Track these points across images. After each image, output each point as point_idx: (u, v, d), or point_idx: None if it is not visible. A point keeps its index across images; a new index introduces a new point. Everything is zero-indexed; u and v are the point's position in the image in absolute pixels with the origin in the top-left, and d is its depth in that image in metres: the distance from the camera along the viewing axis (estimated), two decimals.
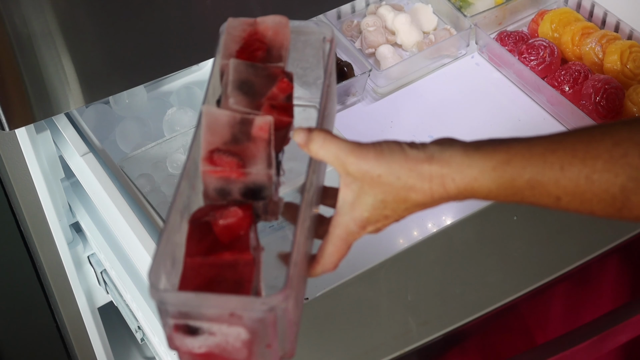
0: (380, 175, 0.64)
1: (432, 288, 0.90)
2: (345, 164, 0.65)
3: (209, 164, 0.66)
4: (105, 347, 1.40)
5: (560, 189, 0.60)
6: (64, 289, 1.29)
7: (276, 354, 0.64)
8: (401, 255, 0.93)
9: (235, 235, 0.65)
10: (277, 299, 0.60)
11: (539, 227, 0.96)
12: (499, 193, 0.62)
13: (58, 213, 1.18)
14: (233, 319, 0.61)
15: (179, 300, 0.61)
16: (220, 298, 0.60)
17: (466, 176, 0.62)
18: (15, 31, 0.92)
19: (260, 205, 0.68)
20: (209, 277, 0.63)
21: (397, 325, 0.87)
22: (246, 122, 0.67)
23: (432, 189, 0.64)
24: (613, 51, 1.23)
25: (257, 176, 0.66)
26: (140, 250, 0.99)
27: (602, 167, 0.58)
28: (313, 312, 0.88)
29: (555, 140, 0.60)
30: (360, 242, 1.12)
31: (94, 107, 1.24)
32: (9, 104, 0.97)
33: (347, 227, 0.67)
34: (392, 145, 0.64)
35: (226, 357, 0.63)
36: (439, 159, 0.63)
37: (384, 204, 0.65)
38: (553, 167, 0.59)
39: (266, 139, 0.66)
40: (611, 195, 0.58)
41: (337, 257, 0.69)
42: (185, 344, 0.63)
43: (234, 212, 0.65)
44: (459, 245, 0.94)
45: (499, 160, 0.61)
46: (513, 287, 0.90)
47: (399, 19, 1.32)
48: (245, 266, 0.63)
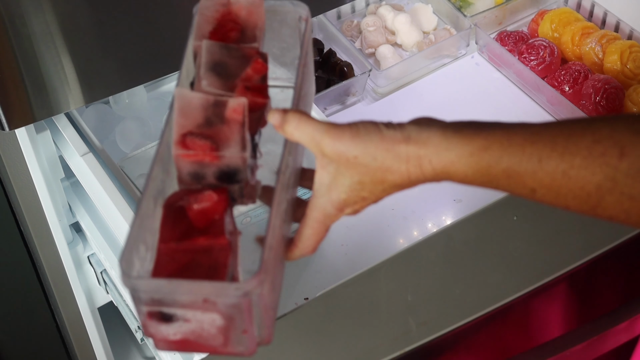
0: (357, 156, 0.63)
1: (432, 288, 0.90)
2: (321, 145, 0.64)
3: (181, 147, 0.64)
4: (105, 347, 1.40)
5: (536, 182, 0.59)
6: (64, 289, 1.29)
7: (253, 340, 0.63)
8: (401, 255, 0.93)
9: (210, 220, 0.63)
10: (252, 284, 0.59)
11: (539, 227, 0.96)
12: (475, 179, 0.62)
13: (58, 213, 1.18)
14: (207, 305, 0.60)
15: (151, 287, 0.60)
16: (193, 284, 0.59)
17: (443, 159, 0.61)
18: (15, 31, 0.92)
19: (236, 188, 0.66)
20: (184, 262, 0.62)
21: (397, 325, 0.87)
22: (219, 105, 0.65)
23: (408, 170, 0.63)
24: (613, 51, 1.23)
25: (230, 159, 0.65)
26: None
27: (579, 164, 0.58)
28: (313, 312, 0.88)
29: (535, 131, 0.60)
30: (361, 242, 1.12)
31: (94, 107, 1.24)
32: (9, 104, 0.97)
33: (324, 209, 0.66)
34: (368, 125, 0.64)
35: (202, 344, 0.62)
36: (417, 140, 0.62)
37: (361, 186, 0.64)
38: (531, 158, 0.59)
39: (240, 121, 0.65)
40: (586, 192, 0.58)
41: (315, 240, 0.68)
42: (160, 331, 0.62)
43: (209, 196, 0.64)
44: (459, 245, 0.94)
45: (477, 146, 0.60)
46: (513, 287, 0.90)
47: (399, 19, 1.32)
48: (220, 251, 0.62)
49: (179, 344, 0.62)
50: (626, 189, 0.57)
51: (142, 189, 0.64)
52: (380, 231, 1.12)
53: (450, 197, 1.16)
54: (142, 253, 0.63)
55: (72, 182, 1.21)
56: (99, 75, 1.01)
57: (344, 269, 1.07)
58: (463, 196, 1.15)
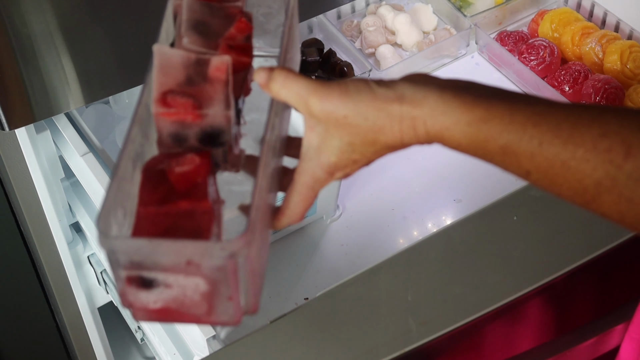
0: (347, 116, 0.59)
1: (432, 288, 0.90)
2: (308, 104, 0.60)
3: (162, 105, 0.60)
4: (105, 347, 1.40)
5: (532, 165, 0.56)
6: (64, 289, 1.29)
7: (239, 308, 0.59)
8: (401, 255, 0.93)
9: (193, 183, 0.60)
10: (238, 244, 0.55)
11: (539, 227, 0.96)
12: (469, 149, 0.58)
13: (58, 213, 1.18)
14: (190, 268, 0.56)
15: (130, 247, 0.56)
16: (176, 243, 0.55)
17: (438, 122, 0.58)
18: (15, 31, 0.92)
19: (220, 152, 0.63)
20: (165, 227, 0.58)
21: (397, 325, 0.87)
22: (202, 63, 0.62)
23: (402, 131, 0.59)
24: (613, 51, 1.24)
25: (214, 118, 0.61)
26: None
27: (581, 156, 0.54)
28: (313, 312, 0.88)
29: (540, 111, 0.56)
30: (361, 242, 1.12)
31: (94, 107, 1.24)
32: (9, 104, 0.97)
33: (313, 173, 0.63)
34: (359, 83, 0.60)
35: (184, 313, 0.58)
36: (411, 99, 0.58)
37: (351, 147, 0.61)
38: (531, 140, 0.55)
39: (224, 79, 0.62)
40: (583, 186, 0.55)
41: (303, 207, 0.64)
42: (139, 299, 0.58)
43: (191, 159, 0.61)
44: (459, 245, 0.94)
45: (477, 116, 0.57)
46: (513, 287, 0.90)
47: (399, 19, 1.32)
48: (203, 215, 0.59)
49: (160, 313, 0.59)
50: (626, 191, 0.54)
51: (120, 151, 0.60)
52: (380, 231, 1.12)
53: (450, 197, 1.16)
54: (120, 218, 0.60)
55: (72, 182, 1.21)
56: (99, 75, 1.01)
57: (344, 269, 1.07)
58: (463, 196, 1.15)
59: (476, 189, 1.16)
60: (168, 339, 1.06)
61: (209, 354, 0.91)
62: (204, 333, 0.90)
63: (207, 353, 0.92)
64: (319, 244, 1.11)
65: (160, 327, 1.07)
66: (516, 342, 0.98)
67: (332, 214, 1.13)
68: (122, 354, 1.55)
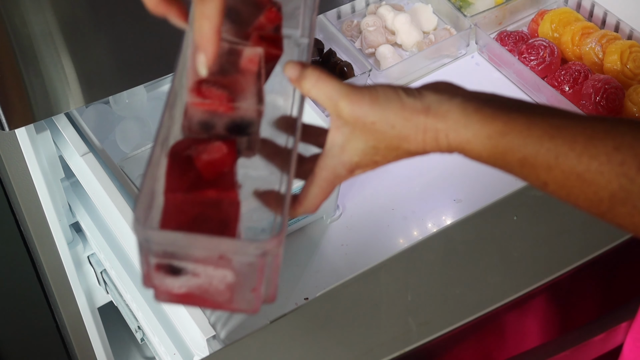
0: (374, 122, 0.62)
1: (432, 288, 0.90)
2: (338, 107, 0.62)
3: (196, 95, 0.62)
4: (105, 347, 1.40)
5: (549, 177, 0.58)
6: (64, 289, 1.29)
7: (259, 298, 0.61)
8: (401, 255, 0.93)
9: (219, 172, 0.61)
10: (272, 244, 0.57)
11: (539, 227, 0.96)
12: (489, 160, 0.61)
13: (58, 213, 1.18)
14: (221, 262, 0.58)
15: (166, 239, 0.57)
16: (211, 240, 0.57)
17: (460, 135, 0.60)
18: (15, 31, 0.92)
19: (244, 141, 0.64)
20: (192, 214, 0.59)
21: (397, 325, 0.87)
22: (234, 53, 0.63)
23: (425, 141, 0.62)
24: (613, 51, 1.24)
25: (246, 111, 0.62)
26: None
27: (596, 169, 0.56)
28: (313, 312, 0.88)
29: (556, 125, 0.58)
30: (361, 242, 1.12)
31: (94, 107, 1.24)
32: (9, 104, 0.97)
33: (334, 170, 0.65)
34: (388, 91, 0.62)
35: (206, 299, 0.60)
36: (436, 112, 0.61)
37: (375, 150, 0.63)
38: (548, 153, 0.58)
39: (256, 71, 0.63)
40: (599, 198, 0.57)
41: (320, 199, 0.66)
42: (164, 284, 0.59)
43: (219, 148, 0.61)
44: (459, 245, 0.94)
45: (496, 130, 0.59)
46: (513, 287, 0.90)
47: (399, 19, 1.32)
48: (230, 206, 0.60)
49: (182, 297, 0.60)
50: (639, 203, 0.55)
51: (154, 137, 0.61)
52: (380, 231, 1.12)
53: (450, 197, 1.16)
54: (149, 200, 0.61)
55: (72, 182, 1.21)
56: (99, 75, 1.01)
57: (344, 269, 1.07)
58: (463, 196, 1.15)
59: (476, 189, 1.16)
60: (168, 339, 1.06)
61: (209, 354, 0.91)
62: (204, 333, 0.90)
63: (207, 353, 0.92)
64: (319, 244, 1.11)
65: (160, 327, 1.07)
66: (517, 342, 0.98)
67: (332, 214, 1.13)
68: (122, 354, 1.55)
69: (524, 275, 0.91)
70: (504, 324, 0.94)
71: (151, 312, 1.09)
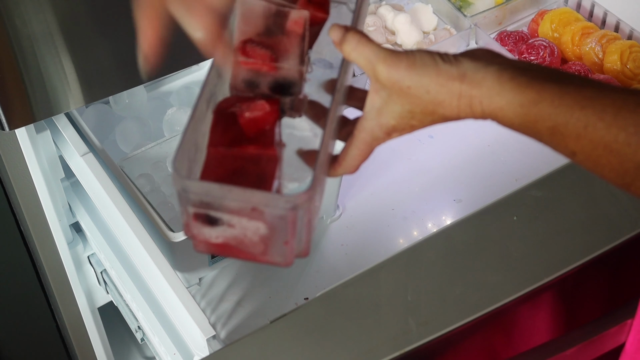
0: (410, 87, 0.63)
1: (432, 288, 0.90)
2: (376, 70, 0.64)
3: (241, 54, 0.64)
4: (105, 347, 1.40)
5: (578, 146, 0.59)
6: (64, 289, 1.29)
7: (292, 252, 0.63)
8: (401, 255, 0.93)
9: (261, 130, 0.64)
10: (302, 199, 0.59)
11: (539, 227, 0.96)
12: (520, 128, 0.62)
13: (58, 213, 1.18)
14: (254, 214, 0.60)
15: (202, 189, 0.60)
16: (244, 192, 0.59)
17: (493, 102, 0.62)
18: (15, 31, 0.92)
19: (288, 101, 0.67)
20: (232, 168, 0.62)
21: (397, 325, 0.87)
22: (281, 15, 0.65)
23: (459, 107, 0.63)
24: (613, 51, 1.24)
25: (288, 71, 0.65)
26: (140, 250, 0.99)
27: (624, 140, 0.57)
28: (313, 312, 0.88)
29: (588, 95, 0.59)
30: (361, 242, 1.12)
31: (94, 107, 1.24)
32: (9, 104, 0.97)
33: (372, 132, 0.67)
34: (425, 56, 0.63)
35: (242, 250, 0.63)
36: (471, 80, 0.62)
37: (411, 114, 0.65)
38: (578, 123, 0.59)
39: (300, 34, 0.65)
40: (625, 169, 0.58)
41: (359, 160, 0.69)
42: (202, 233, 0.62)
43: (261, 106, 0.64)
44: (459, 245, 0.94)
45: (529, 98, 0.60)
46: (513, 287, 0.90)
47: (399, 19, 1.32)
48: (268, 162, 0.63)
49: (219, 248, 0.63)
50: None
51: (198, 94, 0.64)
52: (380, 231, 1.12)
53: (450, 197, 1.16)
54: (192, 154, 0.64)
55: (72, 182, 1.21)
56: (99, 75, 1.01)
57: (344, 269, 1.07)
58: (463, 196, 1.15)
59: (476, 189, 1.16)
60: (168, 339, 1.06)
61: (209, 354, 0.91)
62: (204, 333, 0.90)
63: (207, 353, 0.92)
64: (319, 244, 1.11)
65: (160, 327, 1.07)
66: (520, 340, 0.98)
67: (332, 214, 1.13)
68: (122, 354, 1.55)
69: (523, 275, 0.91)
70: (506, 323, 0.94)
71: (151, 312, 1.09)
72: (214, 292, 1.05)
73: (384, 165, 1.20)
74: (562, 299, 0.97)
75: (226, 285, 1.06)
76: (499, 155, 1.20)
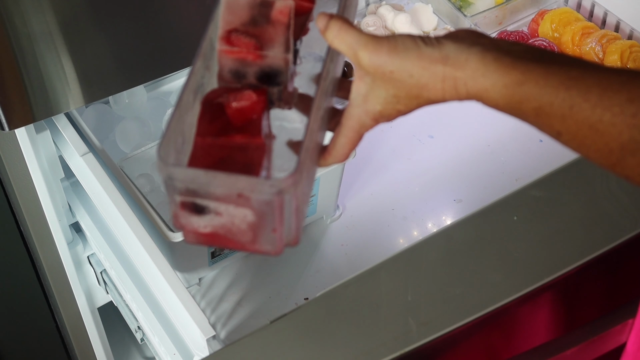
0: (393, 71, 0.63)
1: (432, 288, 0.90)
2: (358, 56, 0.64)
3: (225, 43, 0.65)
4: (105, 347, 1.40)
5: (563, 127, 0.59)
6: (64, 289, 1.29)
7: (281, 240, 0.63)
8: (401, 255, 0.93)
9: (248, 119, 0.64)
10: (287, 183, 0.59)
11: (539, 227, 0.96)
12: (505, 109, 0.62)
13: (58, 213, 1.18)
14: (240, 200, 0.60)
15: (187, 176, 0.60)
16: (229, 177, 0.59)
17: (478, 84, 0.61)
18: (15, 31, 0.92)
19: (275, 91, 0.67)
20: (219, 157, 0.62)
21: (397, 325, 0.87)
22: (266, 5, 0.66)
23: (444, 89, 0.63)
24: (613, 51, 1.23)
25: (273, 59, 0.65)
26: (140, 250, 0.99)
27: (608, 121, 0.57)
28: (313, 312, 0.88)
29: (573, 75, 0.59)
30: (361, 242, 1.12)
31: (93, 107, 1.24)
32: (9, 104, 0.97)
33: (359, 119, 0.67)
34: (407, 40, 0.63)
35: (231, 239, 0.63)
36: (455, 61, 0.62)
37: (396, 99, 0.65)
38: (563, 103, 0.58)
39: (285, 23, 0.66)
40: (609, 149, 0.58)
41: (348, 148, 0.69)
42: (190, 223, 0.62)
43: (248, 96, 0.65)
44: (459, 245, 0.94)
45: (513, 79, 0.60)
46: (513, 287, 0.90)
47: (399, 18, 1.32)
48: (255, 150, 0.63)
49: (208, 237, 0.63)
50: None
51: (184, 83, 0.64)
52: (380, 231, 1.12)
53: (450, 197, 1.16)
54: (179, 145, 0.64)
55: (72, 182, 1.21)
56: (99, 75, 1.01)
57: (344, 269, 1.07)
58: (463, 196, 1.15)
59: (476, 189, 1.16)
60: (168, 339, 1.06)
61: (209, 354, 0.91)
62: (204, 333, 0.90)
63: (207, 353, 0.92)
64: (319, 244, 1.11)
65: (160, 327, 1.07)
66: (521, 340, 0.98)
67: (332, 214, 1.13)
68: (122, 354, 1.55)
69: (523, 275, 0.91)
70: (506, 323, 0.94)
71: (151, 312, 1.09)
72: (214, 292, 1.05)
73: (384, 165, 1.20)
74: (562, 299, 0.97)
75: (226, 285, 1.06)
76: (499, 155, 1.20)
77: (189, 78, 0.65)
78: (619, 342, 0.97)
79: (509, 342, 0.98)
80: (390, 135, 1.23)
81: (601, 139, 0.58)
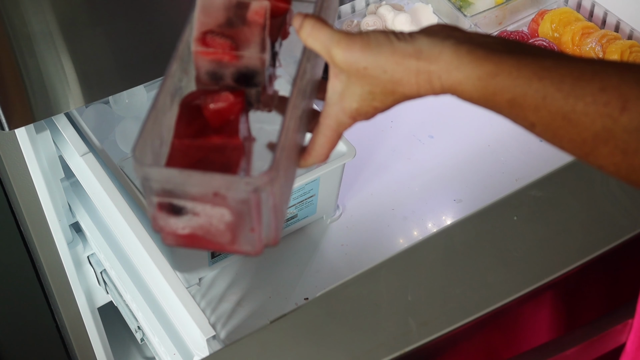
0: (367, 67, 0.63)
1: (432, 288, 0.90)
2: (332, 54, 0.64)
3: (201, 45, 0.65)
4: (105, 347, 1.40)
5: (537, 118, 0.59)
6: (64, 289, 1.29)
7: (260, 240, 0.63)
8: (401, 255, 0.93)
9: (225, 120, 0.64)
10: (262, 180, 0.59)
11: (539, 227, 0.96)
12: (479, 101, 0.62)
13: (58, 213, 1.18)
14: (217, 199, 0.60)
15: (163, 176, 0.60)
16: (204, 176, 0.59)
17: (452, 77, 0.61)
18: (15, 31, 0.92)
19: (253, 92, 0.67)
20: (197, 159, 0.62)
21: (397, 325, 0.87)
22: (242, 6, 0.66)
23: (418, 84, 0.63)
24: (613, 51, 1.23)
25: (250, 60, 0.65)
26: (140, 250, 0.99)
27: (581, 110, 0.57)
28: (313, 312, 0.88)
29: (547, 66, 0.59)
30: (361, 242, 1.12)
31: (93, 107, 1.24)
32: (9, 104, 0.97)
33: (337, 117, 0.67)
34: (380, 36, 0.63)
35: (210, 240, 0.63)
36: (428, 56, 0.62)
37: (372, 96, 0.65)
38: (536, 94, 0.58)
39: (261, 23, 0.66)
40: (582, 138, 0.58)
41: (328, 148, 0.69)
42: (169, 224, 0.62)
43: (225, 97, 0.65)
44: (459, 245, 0.94)
45: (486, 71, 0.60)
46: (513, 287, 0.90)
47: (399, 19, 1.32)
48: (233, 151, 0.63)
49: (187, 239, 0.63)
50: (621, 143, 0.56)
51: (159, 85, 0.64)
52: (380, 231, 1.12)
53: (450, 197, 1.16)
54: (157, 147, 0.64)
55: (72, 182, 1.21)
56: (99, 75, 1.01)
57: (344, 269, 1.07)
58: (463, 196, 1.15)
59: (476, 189, 1.16)
60: (168, 339, 1.06)
61: (209, 354, 0.91)
62: (204, 333, 0.90)
63: (207, 353, 0.92)
64: (319, 244, 1.11)
65: (160, 327, 1.07)
66: (518, 341, 0.98)
67: (332, 214, 1.13)
68: (122, 354, 1.55)
69: (524, 275, 0.91)
70: (507, 323, 0.94)
71: (151, 312, 1.09)
72: (214, 292, 1.05)
73: (384, 165, 1.20)
74: (563, 299, 0.97)
75: (226, 285, 1.06)
76: (499, 155, 1.20)
77: (164, 80, 0.65)
78: (619, 342, 0.97)
79: (509, 342, 0.98)
80: (390, 135, 1.23)
81: (574, 129, 0.58)
